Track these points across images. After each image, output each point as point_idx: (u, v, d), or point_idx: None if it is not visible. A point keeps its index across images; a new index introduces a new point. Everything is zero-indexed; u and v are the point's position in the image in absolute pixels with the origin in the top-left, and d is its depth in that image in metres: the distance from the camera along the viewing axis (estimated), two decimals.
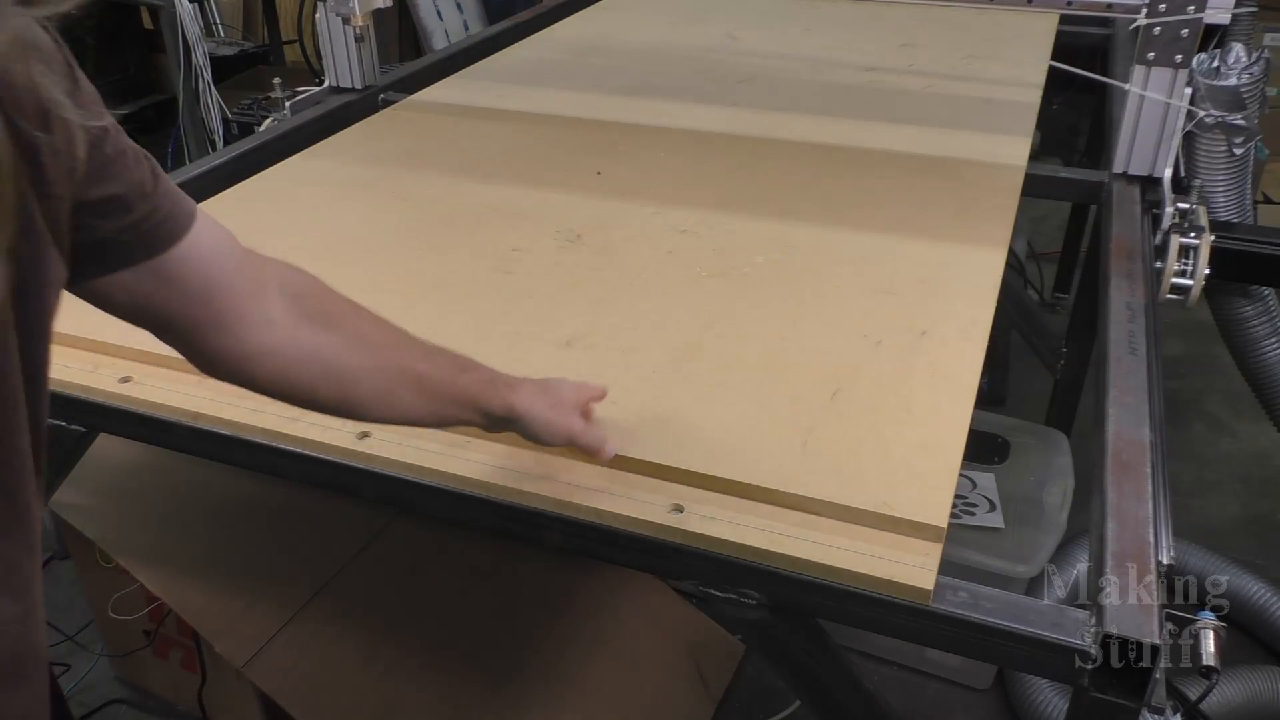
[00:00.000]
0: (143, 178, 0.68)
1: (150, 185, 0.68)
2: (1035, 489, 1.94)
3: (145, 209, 0.68)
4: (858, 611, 0.86)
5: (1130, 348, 1.16)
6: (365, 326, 0.85)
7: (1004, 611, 0.83)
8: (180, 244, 0.71)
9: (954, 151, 1.65)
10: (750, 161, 1.66)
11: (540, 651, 1.76)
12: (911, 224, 1.42)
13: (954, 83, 1.98)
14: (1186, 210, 1.41)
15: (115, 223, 0.66)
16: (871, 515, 0.89)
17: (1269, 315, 1.62)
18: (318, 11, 1.88)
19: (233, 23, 4.72)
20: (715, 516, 0.91)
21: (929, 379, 1.08)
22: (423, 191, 1.55)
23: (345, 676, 1.61)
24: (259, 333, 0.77)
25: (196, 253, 0.72)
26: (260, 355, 0.78)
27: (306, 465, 1.03)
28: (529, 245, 1.37)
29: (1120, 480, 0.95)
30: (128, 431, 1.14)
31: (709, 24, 2.39)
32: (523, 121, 1.83)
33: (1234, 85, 1.49)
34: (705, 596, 0.92)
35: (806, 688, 1.05)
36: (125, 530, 1.67)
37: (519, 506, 0.95)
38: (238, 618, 1.59)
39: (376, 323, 0.86)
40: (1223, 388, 2.82)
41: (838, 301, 1.24)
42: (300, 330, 0.80)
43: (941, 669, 2.00)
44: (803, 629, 0.96)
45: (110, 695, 2.00)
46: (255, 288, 0.77)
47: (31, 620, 0.61)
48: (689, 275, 1.30)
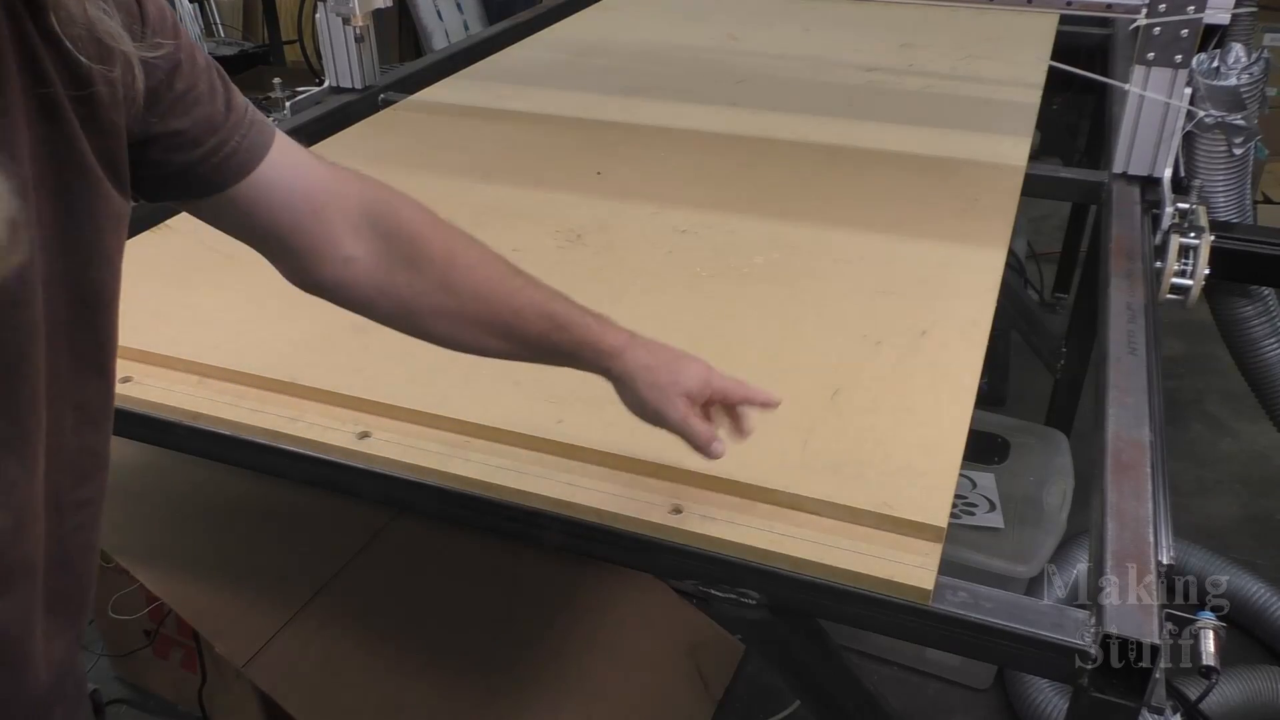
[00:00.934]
0: (213, 112, 0.69)
1: (221, 118, 0.69)
2: (1035, 489, 1.94)
3: (212, 143, 0.69)
4: (858, 611, 0.86)
5: (1130, 348, 1.16)
6: (454, 273, 0.80)
7: (1004, 611, 0.83)
8: (249, 178, 0.71)
9: (954, 151, 1.65)
10: (750, 161, 1.66)
11: (540, 651, 1.76)
12: (911, 224, 1.42)
13: (954, 83, 1.98)
14: (1186, 210, 1.41)
15: (181, 156, 0.68)
16: (871, 515, 0.89)
17: (1269, 315, 1.62)
18: (318, 11, 1.88)
19: (233, 23, 4.72)
20: (715, 516, 0.91)
21: (929, 379, 1.08)
22: (423, 191, 1.52)
23: (345, 676, 1.61)
24: (335, 268, 0.78)
25: (268, 185, 0.72)
26: (336, 287, 0.79)
27: (306, 465, 1.03)
28: (529, 245, 1.37)
29: (1120, 480, 0.95)
30: (128, 431, 1.13)
31: (709, 24, 2.39)
32: (523, 121, 1.83)
33: (1234, 85, 1.49)
34: (705, 596, 0.92)
35: (806, 688, 1.06)
36: (125, 530, 1.67)
37: (519, 506, 0.95)
38: (238, 618, 1.59)
39: (471, 267, 0.81)
40: (1223, 388, 2.82)
41: (838, 301, 1.24)
42: (379, 269, 0.79)
43: (941, 669, 2.00)
44: (803, 629, 0.96)
45: (110, 695, 2.00)
46: (336, 221, 0.77)
47: (23, 531, 0.62)
48: (689, 275, 1.30)
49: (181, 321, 1.20)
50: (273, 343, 1.15)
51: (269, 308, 1.23)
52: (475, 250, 0.82)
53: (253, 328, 1.18)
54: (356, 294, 0.80)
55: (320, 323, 1.19)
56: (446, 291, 0.80)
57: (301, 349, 1.14)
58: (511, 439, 1.01)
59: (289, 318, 1.21)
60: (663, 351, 0.86)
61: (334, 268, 0.78)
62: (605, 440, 0.98)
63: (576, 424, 1.01)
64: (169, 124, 0.66)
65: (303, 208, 0.75)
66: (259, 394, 1.09)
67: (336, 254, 0.77)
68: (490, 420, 1.02)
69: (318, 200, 0.76)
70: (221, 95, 0.69)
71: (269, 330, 1.18)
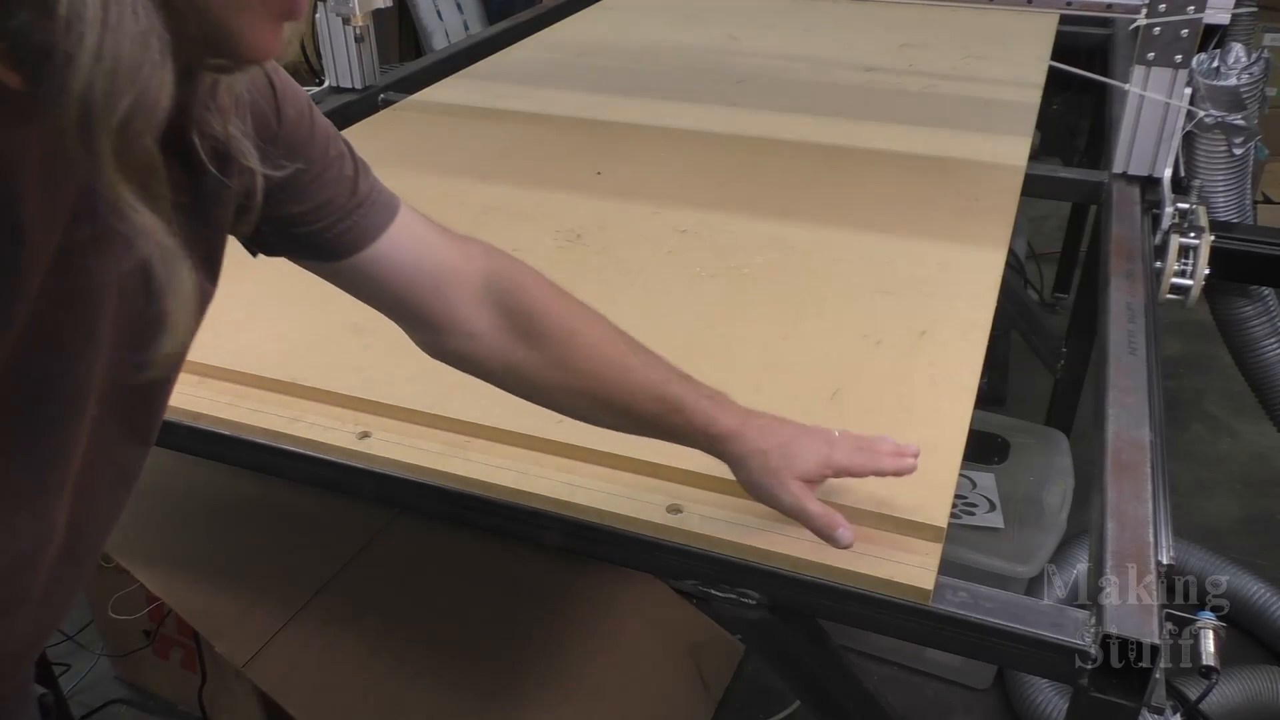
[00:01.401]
0: (336, 195, 0.71)
1: (344, 200, 0.72)
2: (1035, 489, 1.94)
3: (328, 221, 0.71)
4: (858, 611, 0.86)
5: (1130, 348, 1.16)
6: (572, 350, 0.81)
7: (1004, 611, 0.83)
8: (365, 252, 0.74)
9: (954, 152, 1.65)
10: (750, 161, 1.66)
11: (540, 651, 1.76)
12: (911, 224, 1.42)
13: (954, 83, 1.98)
14: (1186, 210, 1.41)
15: (296, 229, 0.71)
16: (871, 515, 0.89)
17: (1269, 315, 1.62)
18: (318, 11, 1.88)
19: None
20: (715, 516, 0.91)
21: (929, 379, 1.08)
22: (423, 191, 1.54)
23: (345, 676, 1.61)
24: (457, 341, 0.80)
25: (385, 259, 0.75)
26: (458, 357, 0.82)
27: (306, 465, 1.03)
28: (529, 245, 1.37)
29: (1120, 480, 0.95)
30: None
31: (709, 24, 2.39)
32: (523, 121, 1.83)
33: (1234, 85, 1.49)
34: (705, 596, 0.92)
35: (806, 688, 1.05)
36: (125, 530, 1.66)
37: (519, 506, 0.95)
38: (238, 618, 1.59)
39: (590, 345, 0.82)
40: (1223, 388, 2.82)
41: (838, 301, 1.24)
42: (501, 343, 0.81)
43: (941, 669, 2.00)
44: (803, 629, 0.96)
45: (110, 695, 2.00)
46: (458, 297, 0.79)
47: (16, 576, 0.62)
48: (689, 275, 1.30)
49: None
50: (273, 343, 1.15)
51: (268, 308, 1.23)
52: (597, 328, 0.83)
53: (253, 328, 1.18)
54: (481, 367, 0.82)
55: (320, 323, 1.19)
56: (564, 369, 0.81)
57: (301, 349, 1.14)
58: (511, 439, 1.01)
59: (289, 318, 1.21)
60: (779, 431, 0.84)
61: (458, 341, 0.80)
62: (605, 440, 0.98)
63: (576, 424, 1.00)
64: (286, 209, 0.69)
65: (424, 283, 0.77)
66: (259, 394, 1.09)
67: (459, 328, 0.79)
68: (490, 420, 1.02)
69: (439, 275, 0.78)
70: (349, 182, 0.72)
71: (269, 330, 1.18)
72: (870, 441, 0.87)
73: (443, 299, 0.78)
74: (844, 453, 0.85)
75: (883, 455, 0.86)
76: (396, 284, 0.76)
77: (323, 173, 0.71)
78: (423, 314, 0.79)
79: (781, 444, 0.83)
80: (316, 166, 0.70)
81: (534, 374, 0.82)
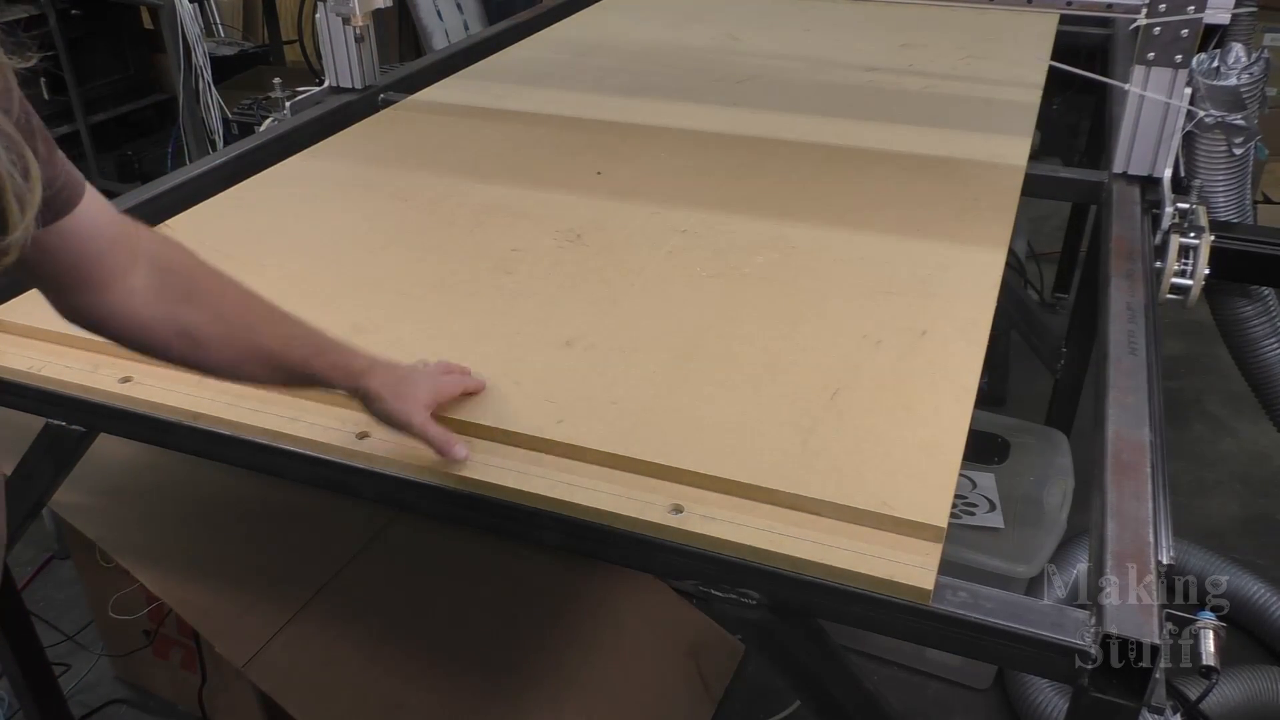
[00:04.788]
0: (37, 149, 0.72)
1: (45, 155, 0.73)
2: (1035, 489, 1.94)
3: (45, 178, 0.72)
4: (858, 611, 0.86)
5: (1130, 348, 1.16)
6: (225, 305, 0.91)
7: (1004, 611, 0.83)
8: (68, 217, 0.79)
9: (954, 151, 1.65)
10: (750, 161, 1.66)
11: (540, 651, 1.76)
12: (911, 224, 1.42)
13: (954, 83, 1.98)
14: (1186, 210, 1.41)
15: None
16: (871, 515, 0.89)
17: (1269, 315, 1.62)
18: (318, 11, 1.88)
19: (233, 23, 4.72)
20: (715, 516, 0.91)
21: (929, 379, 1.08)
22: (423, 191, 1.55)
23: (345, 676, 1.61)
24: (120, 298, 0.86)
25: (80, 225, 0.80)
26: (117, 316, 0.87)
27: (306, 465, 1.04)
28: (529, 245, 1.37)
29: (1120, 480, 0.95)
30: (128, 431, 1.14)
31: (709, 24, 2.39)
32: (523, 121, 1.83)
33: (1234, 85, 1.49)
34: (705, 596, 0.92)
35: (806, 688, 1.05)
36: (125, 530, 1.67)
37: (519, 506, 0.95)
38: (238, 618, 1.59)
39: (239, 302, 0.92)
40: (1223, 388, 2.82)
41: (838, 301, 1.24)
42: (159, 302, 0.88)
43: (941, 669, 2.00)
44: (803, 629, 0.96)
45: (110, 695, 2.00)
46: (126, 260, 0.86)
47: None
48: (689, 275, 1.30)
49: None
50: None
51: None
52: (241, 288, 0.93)
53: None
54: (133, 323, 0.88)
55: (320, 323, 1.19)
56: (224, 321, 0.91)
57: None
58: (511, 439, 1.01)
59: None
60: (398, 368, 1.00)
61: (120, 298, 0.86)
62: (605, 440, 0.98)
63: (576, 424, 1.01)
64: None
65: (106, 239, 0.84)
66: (259, 394, 1.09)
67: (125, 285, 0.86)
68: (490, 420, 1.02)
69: (119, 233, 0.86)
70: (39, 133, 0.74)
71: None
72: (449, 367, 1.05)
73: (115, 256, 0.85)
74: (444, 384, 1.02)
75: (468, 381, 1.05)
76: (86, 243, 0.81)
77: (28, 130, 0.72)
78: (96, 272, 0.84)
79: (403, 377, 0.98)
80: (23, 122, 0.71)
81: (198, 329, 0.89)
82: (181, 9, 3.25)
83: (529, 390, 1.06)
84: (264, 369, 0.94)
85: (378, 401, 0.96)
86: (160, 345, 0.90)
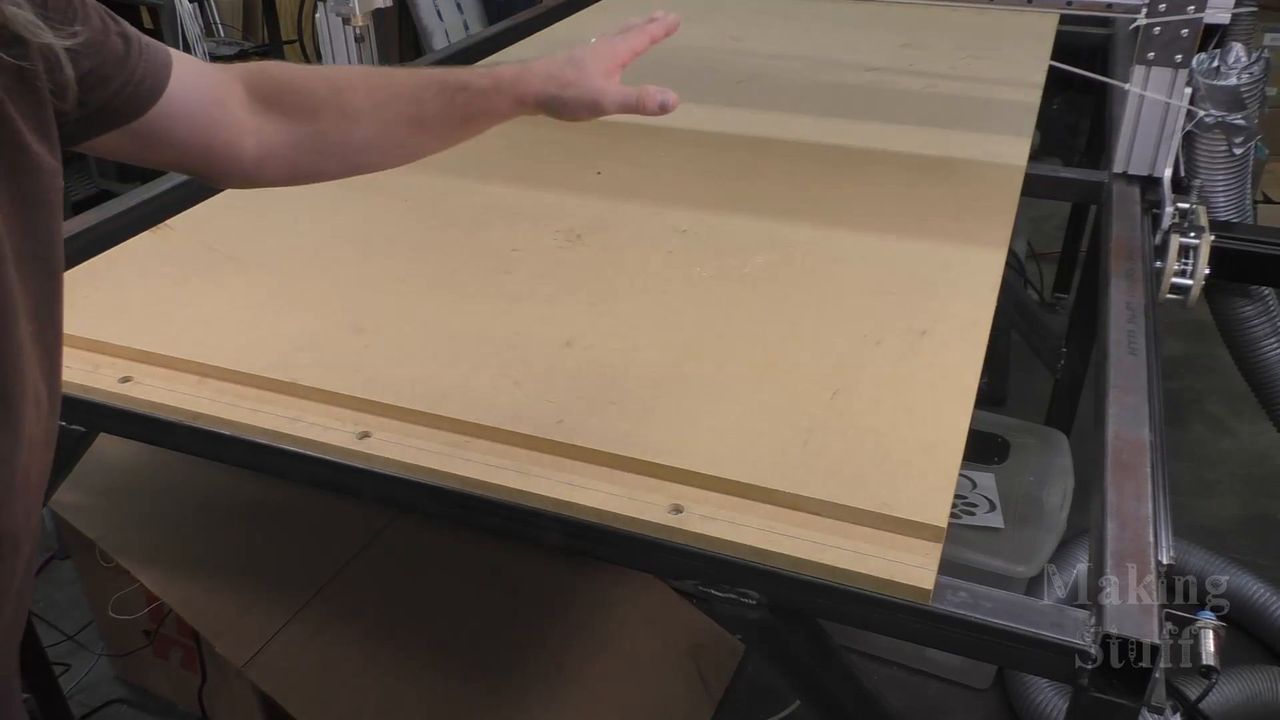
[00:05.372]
0: (115, 49, 0.72)
1: (122, 52, 0.72)
2: (1035, 489, 1.94)
3: (122, 79, 0.72)
4: (858, 611, 0.86)
5: (1130, 348, 1.16)
6: (343, 97, 0.85)
7: (1004, 611, 0.83)
8: (160, 102, 0.75)
9: (954, 152, 1.65)
10: (750, 161, 1.66)
11: (540, 651, 1.76)
12: (911, 224, 1.42)
13: (954, 83, 1.98)
14: (1186, 210, 1.41)
15: (96, 94, 0.70)
16: (871, 515, 0.89)
17: (1269, 315, 1.62)
18: (318, 11, 1.88)
19: (233, 23, 4.72)
20: (715, 516, 0.91)
21: (929, 379, 1.08)
22: (423, 191, 1.54)
23: (345, 676, 1.61)
24: (250, 148, 0.83)
25: (177, 103, 0.77)
26: (260, 165, 0.84)
27: (306, 465, 1.03)
28: (529, 245, 1.37)
29: (1120, 480, 0.95)
30: (128, 431, 1.14)
31: (709, 24, 2.39)
32: (523, 121, 1.83)
33: (1234, 85, 1.49)
34: (705, 596, 0.92)
35: (806, 688, 1.05)
36: (125, 530, 1.67)
37: (519, 506, 0.95)
38: (238, 618, 1.59)
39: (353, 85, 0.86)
40: (1223, 388, 2.82)
41: (838, 301, 1.24)
42: (285, 129, 0.84)
43: (941, 669, 2.00)
44: (803, 629, 0.96)
45: (110, 695, 2.00)
46: (234, 111, 0.82)
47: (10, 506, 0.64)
48: (689, 275, 1.30)
49: (181, 321, 1.20)
50: (273, 343, 1.15)
51: (269, 308, 1.23)
52: (347, 72, 0.88)
53: (253, 328, 1.18)
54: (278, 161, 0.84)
55: (320, 323, 1.19)
56: (347, 118, 0.85)
57: (301, 349, 1.14)
58: (511, 439, 1.01)
59: (289, 318, 1.21)
60: (556, 58, 0.87)
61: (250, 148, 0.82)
62: (605, 440, 0.98)
63: (576, 424, 1.01)
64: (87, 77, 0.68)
65: (209, 105, 0.80)
66: (259, 394, 1.09)
67: (247, 135, 0.82)
68: (490, 420, 1.02)
69: (217, 89, 0.81)
70: (121, 36, 0.72)
71: (269, 330, 1.18)
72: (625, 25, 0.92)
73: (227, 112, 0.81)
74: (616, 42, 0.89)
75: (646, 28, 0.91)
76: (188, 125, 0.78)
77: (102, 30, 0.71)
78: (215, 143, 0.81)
79: (568, 60, 0.87)
80: (95, 24, 0.70)
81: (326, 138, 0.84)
82: (181, 9, 3.25)
83: (529, 390, 1.06)
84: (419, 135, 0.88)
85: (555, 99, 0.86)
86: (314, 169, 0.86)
